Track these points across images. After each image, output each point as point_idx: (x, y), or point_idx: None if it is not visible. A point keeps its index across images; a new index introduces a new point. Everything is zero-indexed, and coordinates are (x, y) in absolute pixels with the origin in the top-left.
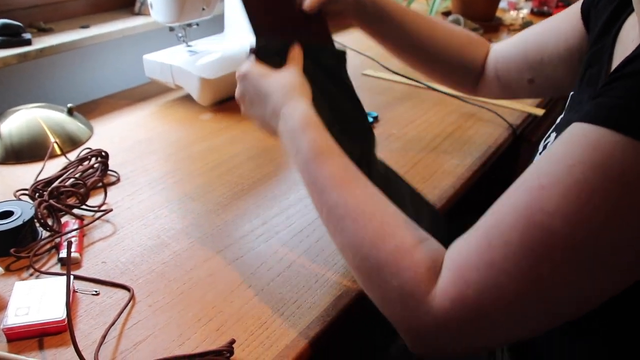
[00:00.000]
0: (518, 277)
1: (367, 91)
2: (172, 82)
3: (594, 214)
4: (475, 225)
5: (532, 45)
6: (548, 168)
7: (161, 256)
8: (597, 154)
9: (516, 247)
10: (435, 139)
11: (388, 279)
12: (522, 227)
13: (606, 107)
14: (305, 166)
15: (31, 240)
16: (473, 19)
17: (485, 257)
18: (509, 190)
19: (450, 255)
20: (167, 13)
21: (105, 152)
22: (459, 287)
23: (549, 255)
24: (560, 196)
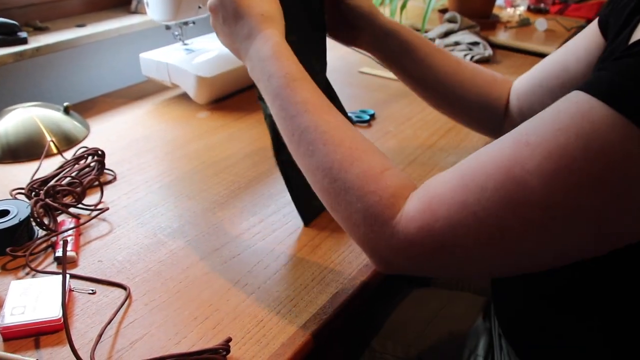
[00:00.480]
0: (485, 222)
1: (363, 88)
2: (168, 81)
3: (569, 180)
4: (458, 164)
5: (552, 73)
6: (537, 127)
7: (157, 255)
8: (584, 123)
9: (490, 194)
10: (431, 136)
11: (354, 201)
12: (500, 177)
13: (604, 80)
14: (277, 91)
15: (27, 239)
16: (470, 16)
17: (458, 196)
18: (499, 139)
19: (426, 186)
20: (163, 12)
21: (102, 151)
22: (426, 218)
23: (519, 209)
24: (541, 156)
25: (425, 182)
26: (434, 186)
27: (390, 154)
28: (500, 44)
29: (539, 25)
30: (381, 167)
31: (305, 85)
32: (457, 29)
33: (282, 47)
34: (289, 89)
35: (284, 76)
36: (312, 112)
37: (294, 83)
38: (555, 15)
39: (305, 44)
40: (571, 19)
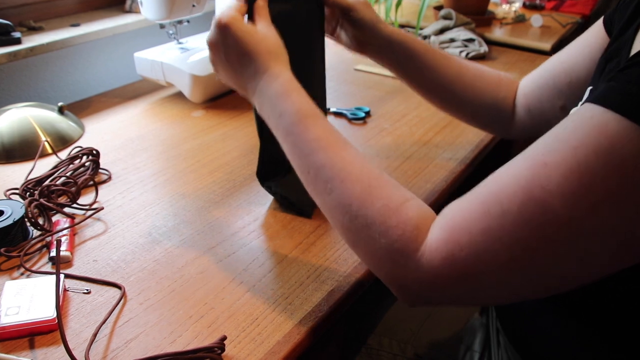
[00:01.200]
0: (510, 247)
1: (359, 86)
2: (163, 80)
3: (591, 198)
4: (475, 189)
5: (559, 71)
6: (553, 146)
7: (152, 254)
8: (602, 138)
9: (513, 218)
10: (427, 133)
11: (376, 237)
12: (521, 200)
13: (617, 91)
14: (289, 129)
15: (22, 239)
16: (465, 13)
17: (481, 223)
18: (514, 160)
19: (446, 215)
20: (157, 10)
21: (97, 151)
22: (450, 248)
23: (543, 231)
24: (561, 176)
25: (444, 209)
26: (455, 214)
27: (386, 151)
28: (496, 41)
29: (534, 22)
30: (401, 199)
31: (318, 122)
32: (453, 26)
33: (292, 83)
34: (302, 126)
35: (295, 113)
36: (327, 149)
37: (307, 120)
38: (551, 12)
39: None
40: (567, 15)
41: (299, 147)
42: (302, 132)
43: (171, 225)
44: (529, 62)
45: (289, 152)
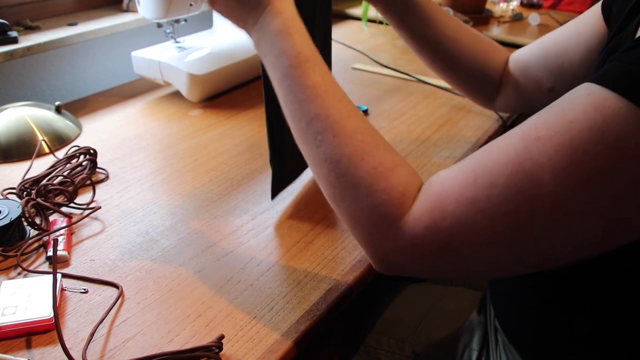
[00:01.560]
0: (495, 219)
1: (357, 84)
2: (160, 79)
3: (582, 174)
4: (466, 159)
5: (552, 51)
6: (548, 120)
7: (150, 253)
8: (597, 114)
9: (500, 190)
10: (425, 131)
11: (361, 198)
12: (510, 172)
13: (616, 71)
14: (286, 71)
15: (19, 239)
16: (463, 11)
17: (467, 193)
18: (508, 133)
19: (432, 184)
20: (154, 9)
21: (94, 150)
22: (434, 217)
23: (530, 205)
24: (553, 150)
25: (432, 177)
26: (442, 183)
27: None
28: (493, 39)
29: (532, 20)
30: (392, 163)
31: (318, 68)
32: None
33: (295, 22)
34: (300, 70)
35: (295, 55)
36: (324, 98)
37: (306, 64)
38: (548, 10)
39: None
40: (564, 13)
41: (294, 93)
42: (299, 77)
43: (169, 224)
44: None
45: (283, 95)
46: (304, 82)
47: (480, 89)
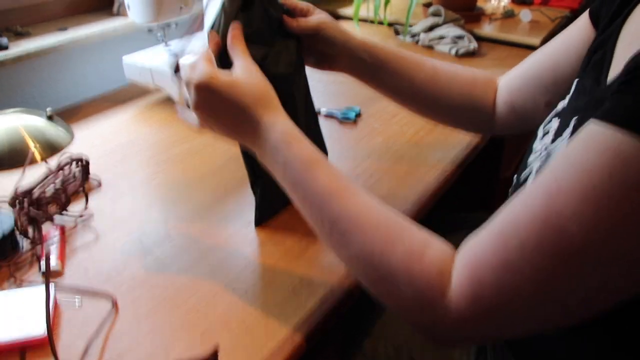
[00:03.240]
0: (533, 278)
1: (349, 85)
2: (152, 84)
3: (610, 220)
4: (489, 224)
5: (543, 67)
6: (565, 172)
7: (143, 262)
8: (616, 160)
9: (532, 248)
10: (418, 132)
11: (402, 287)
12: (539, 230)
13: (627, 107)
14: (296, 180)
15: (12, 250)
16: (454, 9)
17: (500, 257)
18: (527, 189)
19: (464, 255)
20: (145, 13)
21: (86, 158)
22: (474, 288)
23: (564, 258)
24: (577, 201)
25: (462, 247)
26: (473, 252)
27: (377, 152)
28: (485, 37)
29: (523, 17)
30: (422, 244)
31: (324, 169)
32: (442, 23)
33: (290, 131)
34: (309, 175)
35: (300, 163)
36: (339, 198)
37: (312, 169)
38: (540, 6)
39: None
40: (555, 9)
41: (309, 200)
42: (310, 183)
43: (162, 232)
44: (518, 58)
45: (299, 203)
46: (315, 189)
47: (474, 121)
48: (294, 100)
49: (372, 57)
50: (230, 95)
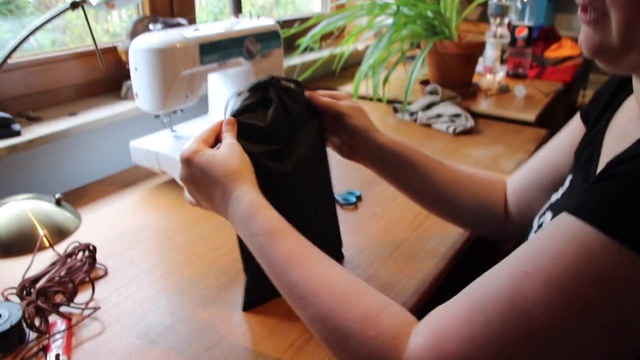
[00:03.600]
0: (495, 355)
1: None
2: (158, 168)
3: (572, 307)
4: (458, 296)
5: (543, 169)
6: (534, 256)
7: (149, 356)
8: (580, 250)
9: (496, 326)
10: (417, 216)
11: (357, 349)
12: (504, 310)
13: (595, 205)
14: (261, 249)
15: (18, 343)
16: (451, 87)
17: (466, 331)
18: (497, 267)
19: (430, 323)
20: (152, 102)
21: (93, 246)
22: (435, 355)
23: (527, 339)
24: (542, 286)
25: (427, 317)
26: (440, 321)
27: (377, 238)
28: (482, 113)
29: (518, 92)
30: (378, 308)
31: (285, 239)
32: (439, 101)
33: (256, 203)
34: (270, 246)
35: (263, 234)
36: (297, 266)
37: (274, 239)
38: (533, 80)
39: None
40: (549, 82)
41: (272, 267)
42: (272, 252)
43: (167, 324)
44: (514, 134)
45: (266, 270)
46: (276, 256)
47: (489, 223)
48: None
49: (395, 156)
50: (207, 168)
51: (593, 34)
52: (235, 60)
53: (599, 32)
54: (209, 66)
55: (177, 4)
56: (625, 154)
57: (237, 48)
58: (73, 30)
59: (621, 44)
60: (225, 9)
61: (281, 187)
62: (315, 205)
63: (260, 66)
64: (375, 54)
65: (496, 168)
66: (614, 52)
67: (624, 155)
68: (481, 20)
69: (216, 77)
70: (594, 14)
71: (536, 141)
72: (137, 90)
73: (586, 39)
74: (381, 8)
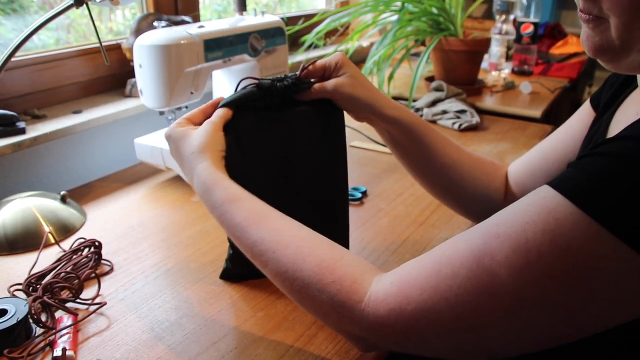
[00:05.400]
0: (456, 308)
1: (355, 163)
2: (162, 165)
3: (536, 273)
4: (431, 250)
5: (550, 156)
6: (507, 219)
7: (155, 351)
8: (550, 218)
9: (462, 281)
10: (423, 212)
11: (317, 295)
12: (471, 266)
13: (573, 179)
14: (222, 217)
15: (25, 338)
16: (455, 84)
17: (431, 281)
18: (472, 228)
19: (398, 272)
20: (156, 99)
21: (99, 242)
22: (398, 301)
23: (489, 297)
24: (510, 248)
25: (400, 266)
26: (408, 271)
27: (383, 234)
28: (487, 110)
29: (523, 88)
30: (333, 258)
31: (242, 205)
32: (444, 97)
33: (213, 176)
34: (229, 213)
35: (220, 205)
36: (253, 226)
37: (231, 206)
38: (539, 77)
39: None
40: (554, 79)
41: (234, 229)
42: (232, 217)
43: (173, 319)
44: (520, 131)
45: (230, 236)
46: (236, 219)
47: (485, 210)
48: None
49: (405, 132)
50: (178, 144)
51: (593, 34)
52: (240, 56)
53: (599, 33)
54: (214, 63)
55: (181, 1)
56: (616, 135)
57: (241, 45)
58: (77, 30)
59: (621, 46)
60: (228, 8)
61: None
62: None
63: (265, 63)
64: (380, 51)
65: None
66: (615, 51)
67: (615, 136)
68: (486, 18)
69: (221, 74)
70: (593, 18)
71: (542, 137)
72: (142, 87)
73: (587, 39)
74: (386, 5)
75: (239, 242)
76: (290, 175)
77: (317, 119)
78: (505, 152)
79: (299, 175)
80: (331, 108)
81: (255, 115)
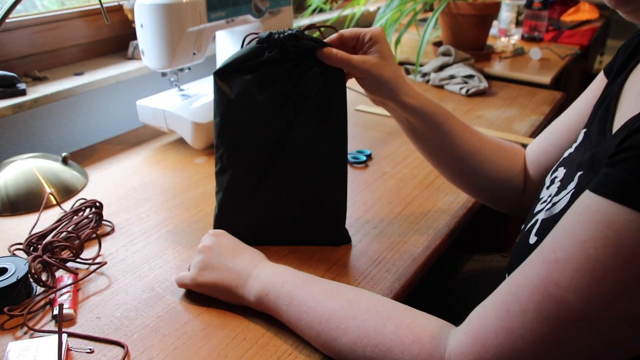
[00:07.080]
0: (534, 344)
1: (360, 127)
2: (165, 127)
3: (606, 289)
4: (495, 292)
5: (565, 133)
6: (562, 242)
7: (155, 310)
8: (609, 231)
9: (532, 315)
10: (428, 175)
11: (400, 357)
12: (538, 298)
13: (619, 181)
14: (294, 292)
15: (25, 296)
16: (464, 48)
17: (503, 323)
18: (528, 259)
19: (468, 322)
20: (158, 60)
21: (100, 203)
22: (476, 350)
23: (563, 325)
24: (573, 271)
25: (469, 316)
26: (478, 318)
27: (388, 196)
28: (496, 75)
29: (533, 55)
30: (410, 317)
31: (318, 280)
32: (452, 62)
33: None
34: (305, 286)
35: (296, 279)
36: (333, 297)
37: (308, 281)
38: (549, 44)
39: None
40: (565, 46)
41: (307, 305)
42: (305, 293)
43: (174, 279)
44: (529, 97)
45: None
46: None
47: (507, 198)
48: None
49: (422, 114)
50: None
51: None
52: (244, 17)
53: None
54: (217, 23)
55: None
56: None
57: (245, 5)
58: None
59: None
60: None
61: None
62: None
63: (269, 24)
64: (386, 15)
65: (510, 129)
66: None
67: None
68: None
69: (224, 35)
70: None
71: (551, 103)
72: (143, 47)
73: None
74: None
75: (312, 312)
76: (291, 136)
77: (320, 80)
78: (513, 118)
79: (298, 136)
80: (334, 72)
81: (255, 75)
